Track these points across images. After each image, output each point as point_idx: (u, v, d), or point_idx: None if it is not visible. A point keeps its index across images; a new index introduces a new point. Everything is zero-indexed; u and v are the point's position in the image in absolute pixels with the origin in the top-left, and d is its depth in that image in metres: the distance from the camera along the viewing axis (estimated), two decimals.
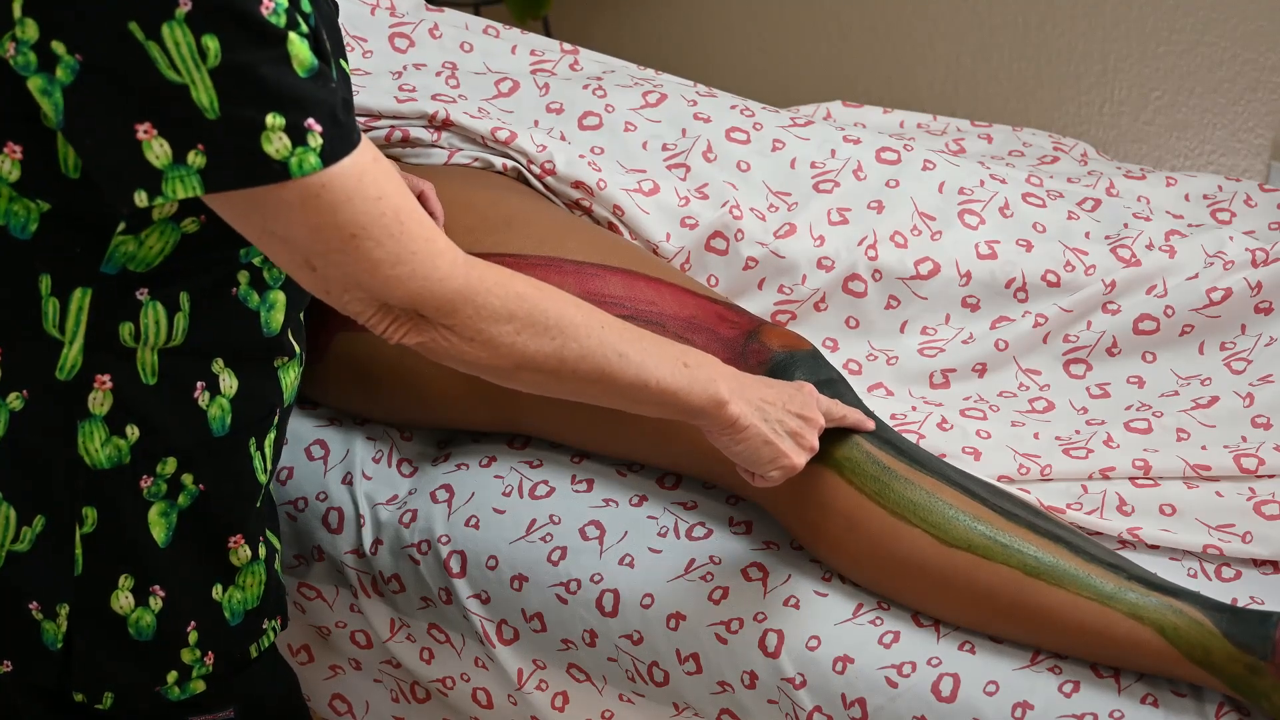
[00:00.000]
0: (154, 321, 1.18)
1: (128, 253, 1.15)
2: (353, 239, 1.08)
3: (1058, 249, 1.76)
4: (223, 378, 1.24)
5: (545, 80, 1.86)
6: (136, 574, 1.24)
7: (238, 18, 1.01)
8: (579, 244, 1.57)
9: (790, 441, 1.32)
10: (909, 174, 1.80)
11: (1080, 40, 2.88)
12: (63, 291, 1.16)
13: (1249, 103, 2.80)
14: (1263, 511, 1.52)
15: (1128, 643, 1.35)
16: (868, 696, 1.39)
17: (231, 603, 1.31)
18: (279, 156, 1.04)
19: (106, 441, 1.20)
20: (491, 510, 1.56)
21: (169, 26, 1.00)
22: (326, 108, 1.06)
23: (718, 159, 1.78)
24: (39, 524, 1.21)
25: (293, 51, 1.04)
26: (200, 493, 1.25)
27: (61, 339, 1.17)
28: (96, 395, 1.19)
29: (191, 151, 1.04)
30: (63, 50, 1.02)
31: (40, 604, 1.23)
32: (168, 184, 1.05)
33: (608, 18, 3.35)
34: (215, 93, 1.02)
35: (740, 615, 1.45)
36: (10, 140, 1.09)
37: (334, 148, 1.06)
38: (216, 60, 1.01)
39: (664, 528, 1.53)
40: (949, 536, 1.40)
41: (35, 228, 1.13)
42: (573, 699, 1.54)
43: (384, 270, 1.09)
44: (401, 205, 1.10)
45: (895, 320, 1.73)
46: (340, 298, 1.12)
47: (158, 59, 1.01)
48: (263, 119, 1.03)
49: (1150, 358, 1.72)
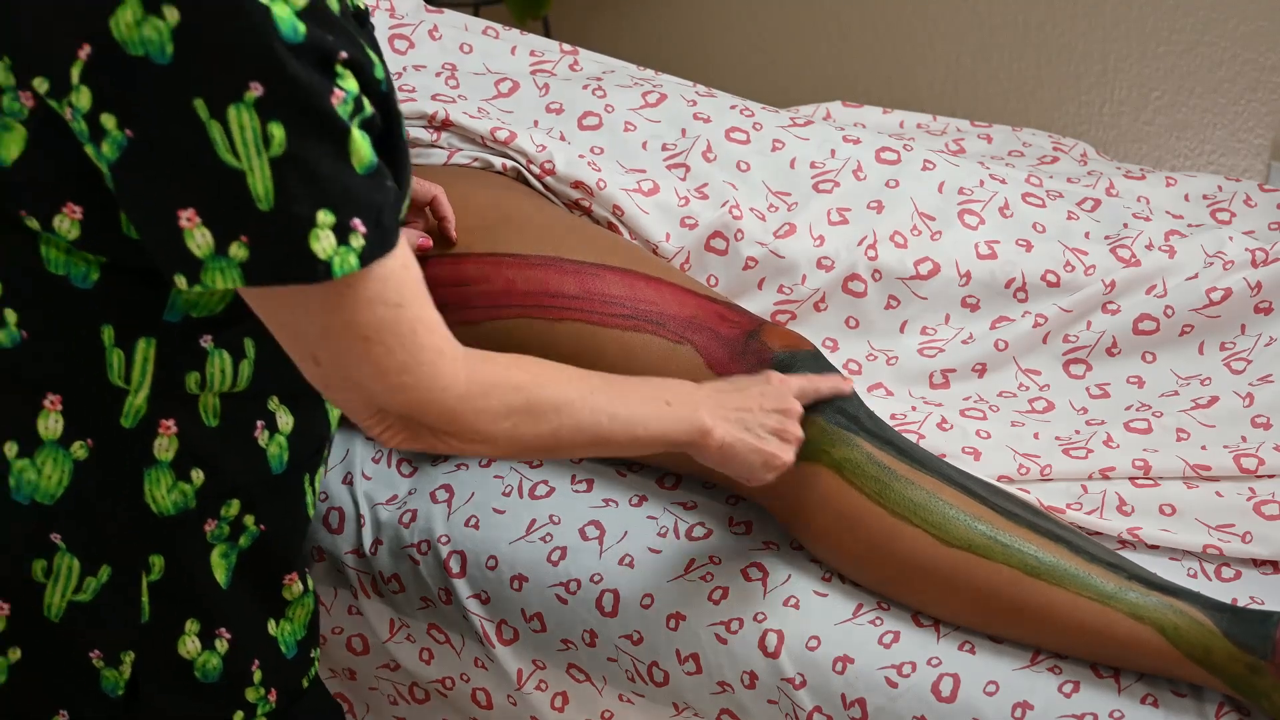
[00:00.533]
0: (219, 370, 1.16)
1: (190, 300, 1.13)
2: (365, 342, 1.06)
3: (1057, 249, 1.76)
4: (279, 415, 1.21)
5: (545, 80, 1.86)
6: (202, 617, 1.22)
7: (306, 108, 0.99)
8: (579, 244, 1.57)
9: (775, 441, 1.33)
10: (909, 174, 1.80)
11: (1080, 40, 2.88)
12: (126, 342, 1.12)
13: (1249, 103, 2.80)
14: (1263, 511, 1.52)
15: (1128, 642, 1.35)
16: (868, 696, 1.39)
17: (285, 635, 1.29)
18: (324, 255, 1.01)
19: (173, 487, 1.17)
20: (491, 510, 1.56)
21: (236, 109, 0.97)
22: (374, 210, 1.03)
23: (717, 159, 1.77)
24: (104, 574, 1.18)
25: (353, 148, 1.01)
26: (260, 533, 1.23)
27: (126, 388, 1.14)
28: (162, 441, 1.16)
29: (235, 243, 1.01)
30: (112, 125, 0.99)
31: (103, 652, 1.21)
32: (207, 274, 1.02)
33: (608, 18, 3.35)
34: (272, 183, 0.99)
35: (740, 615, 1.45)
36: (70, 200, 1.07)
37: (373, 250, 1.03)
38: (280, 149, 0.98)
39: (664, 528, 1.53)
40: (949, 536, 1.40)
41: (96, 277, 1.11)
42: (572, 699, 1.54)
43: (390, 377, 1.07)
44: (419, 315, 1.08)
45: (895, 320, 1.73)
46: (337, 395, 1.10)
47: (218, 141, 0.98)
48: (314, 215, 1.00)
49: (1150, 358, 1.72)
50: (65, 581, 1.19)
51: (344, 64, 1.01)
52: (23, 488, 1.16)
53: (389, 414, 1.11)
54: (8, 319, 1.13)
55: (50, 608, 1.19)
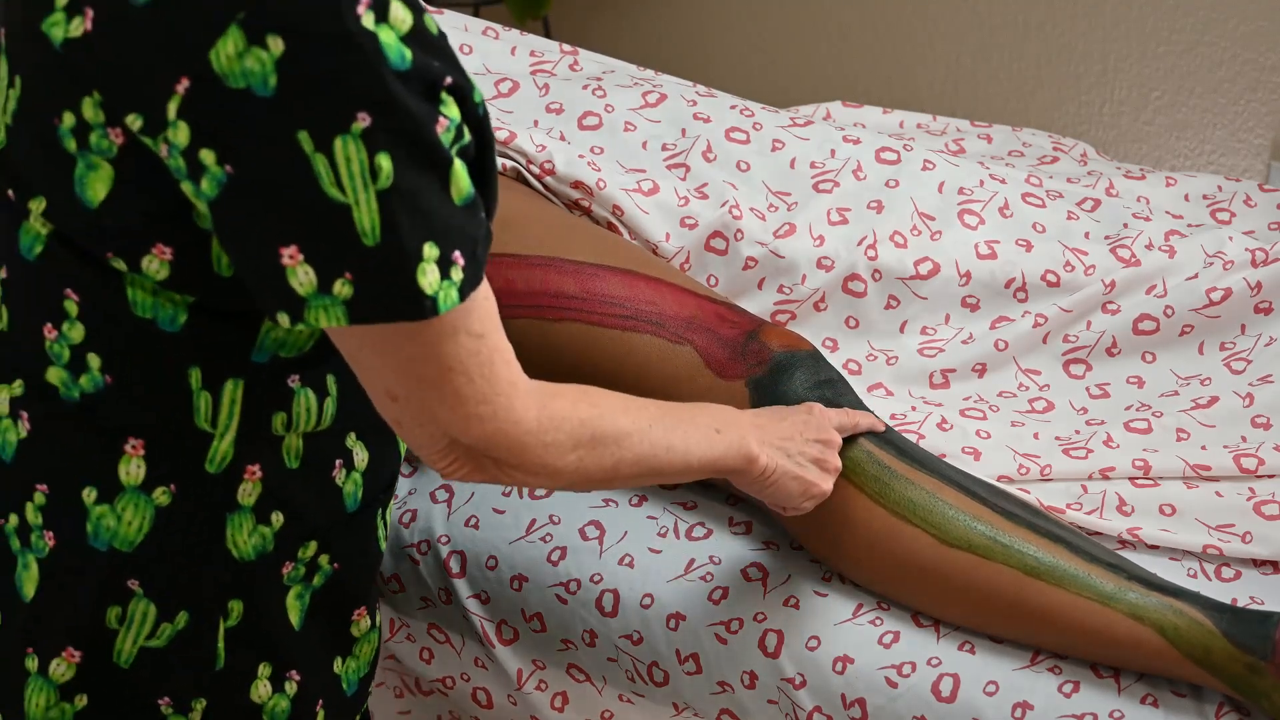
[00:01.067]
0: (305, 410, 1.13)
1: (278, 339, 1.10)
2: (448, 373, 1.03)
3: (1057, 249, 1.76)
4: (356, 452, 1.19)
5: (545, 81, 1.86)
6: (274, 661, 1.20)
7: (415, 139, 0.96)
8: (579, 244, 1.57)
9: (815, 470, 1.33)
10: (909, 174, 1.80)
11: (1080, 40, 2.88)
12: (213, 384, 1.09)
13: (1249, 103, 2.80)
14: (1263, 511, 1.52)
15: (1128, 643, 1.35)
16: (868, 696, 1.39)
17: (349, 673, 1.27)
18: (430, 291, 0.98)
19: (253, 531, 1.15)
20: (491, 510, 1.56)
21: (342, 140, 0.94)
22: (470, 241, 1.01)
23: (717, 159, 1.77)
24: (181, 620, 1.16)
25: (454, 179, 0.99)
26: (334, 571, 1.21)
27: (212, 432, 1.11)
28: (246, 486, 1.13)
29: (339, 280, 0.97)
30: (211, 160, 0.96)
31: (172, 700, 1.18)
32: (310, 312, 0.99)
33: (608, 18, 3.35)
34: (379, 217, 0.95)
35: (740, 615, 1.45)
36: (160, 241, 1.03)
37: (470, 284, 1.01)
38: (388, 182, 0.95)
39: (664, 528, 1.53)
40: (949, 536, 1.40)
41: (184, 319, 1.07)
42: (572, 699, 1.54)
43: (468, 408, 1.05)
44: (498, 345, 1.06)
45: (895, 320, 1.73)
46: (411, 430, 1.07)
47: (322, 174, 0.94)
48: (421, 249, 0.97)
49: (1150, 358, 1.72)
50: (139, 628, 1.16)
51: (448, 90, 0.98)
52: (101, 534, 1.13)
53: (458, 447, 1.09)
54: (90, 364, 1.09)
55: (120, 654, 1.16)
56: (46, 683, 1.18)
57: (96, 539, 1.13)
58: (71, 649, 1.16)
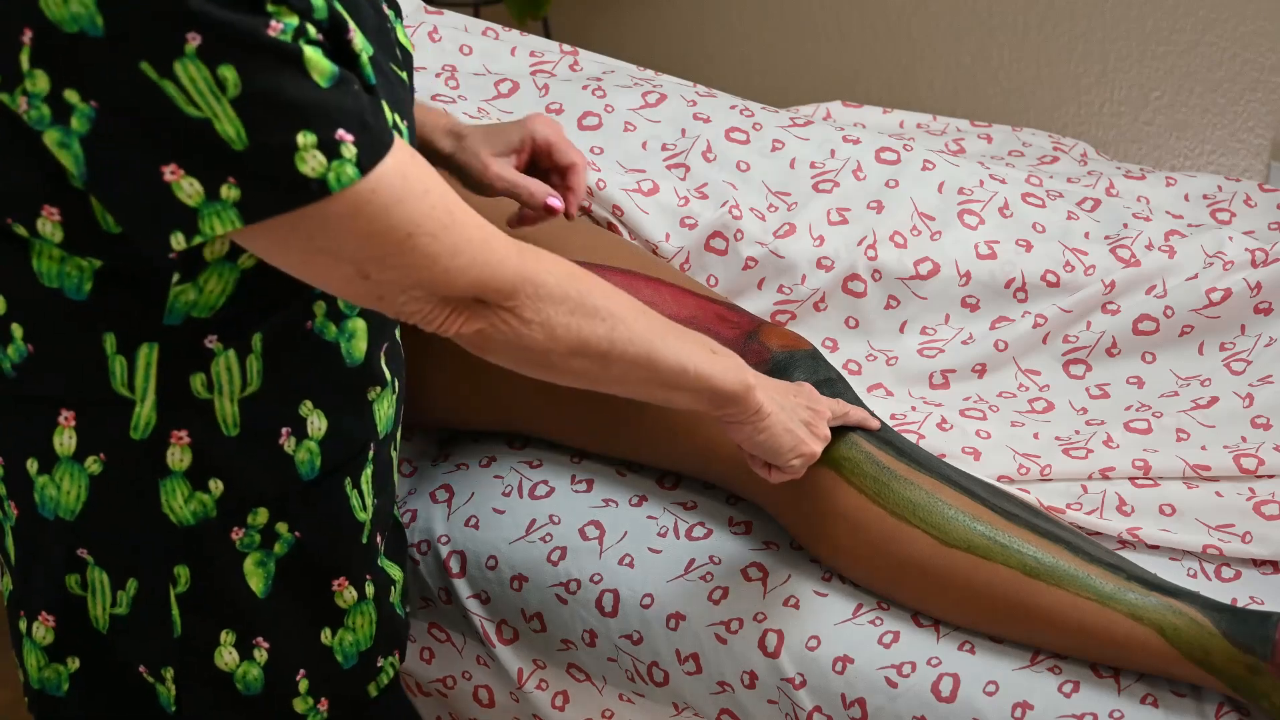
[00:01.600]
0: (225, 369, 1.14)
1: (189, 301, 1.11)
2: (409, 238, 1.05)
3: (1057, 249, 1.76)
4: (311, 420, 1.19)
5: (545, 81, 1.86)
6: (237, 628, 1.21)
7: (249, 44, 0.98)
8: (579, 244, 1.57)
9: (805, 430, 1.33)
10: (909, 174, 1.80)
11: (1080, 40, 2.88)
12: (128, 349, 1.11)
13: (1249, 103, 2.80)
14: (1262, 511, 1.52)
15: (1127, 643, 1.35)
16: (868, 696, 1.39)
17: (344, 645, 1.27)
18: (315, 174, 1.00)
19: (190, 498, 1.16)
20: (491, 510, 1.56)
21: (181, 64, 0.96)
22: (354, 115, 1.02)
23: (717, 159, 1.78)
24: (132, 587, 1.18)
25: (310, 64, 1.00)
26: (296, 539, 1.22)
27: (133, 397, 1.13)
28: (174, 451, 1.15)
29: (224, 185, 1.00)
30: (76, 98, 0.98)
31: (147, 668, 1.20)
32: (204, 221, 1.01)
33: (608, 18, 3.35)
34: (240, 123, 0.98)
35: (740, 615, 1.45)
36: (46, 203, 1.06)
37: (369, 154, 1.02)
38: (236, 90, 0.97)
39: (664, 528, 1.53)
40: (949, 537, 1.40)
41: (90, 287, 1.09)
42: (573, 698, 1.54)
43: (443, 262, 1.06)
44: (448, 195, 1.07)
45: (895, 320, 1.73)
46: (395, 300, 1.08)
47: (175, 96, 0.97)
48: (294, 139, 0.99)
49: (1150, 358, 1.72)
50: (102, 595, 1.18)
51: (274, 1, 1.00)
52: (46, 504, 1.16)
53: (450, 301, 1.10)
54: (14, 333, 1.12)
55: (97, 620, 1.19)
56: (33, 645, 1.22)
57: (44, 508, 1.16)
58: (45, 613, 1.20)
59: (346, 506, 1.25)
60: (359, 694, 1.30)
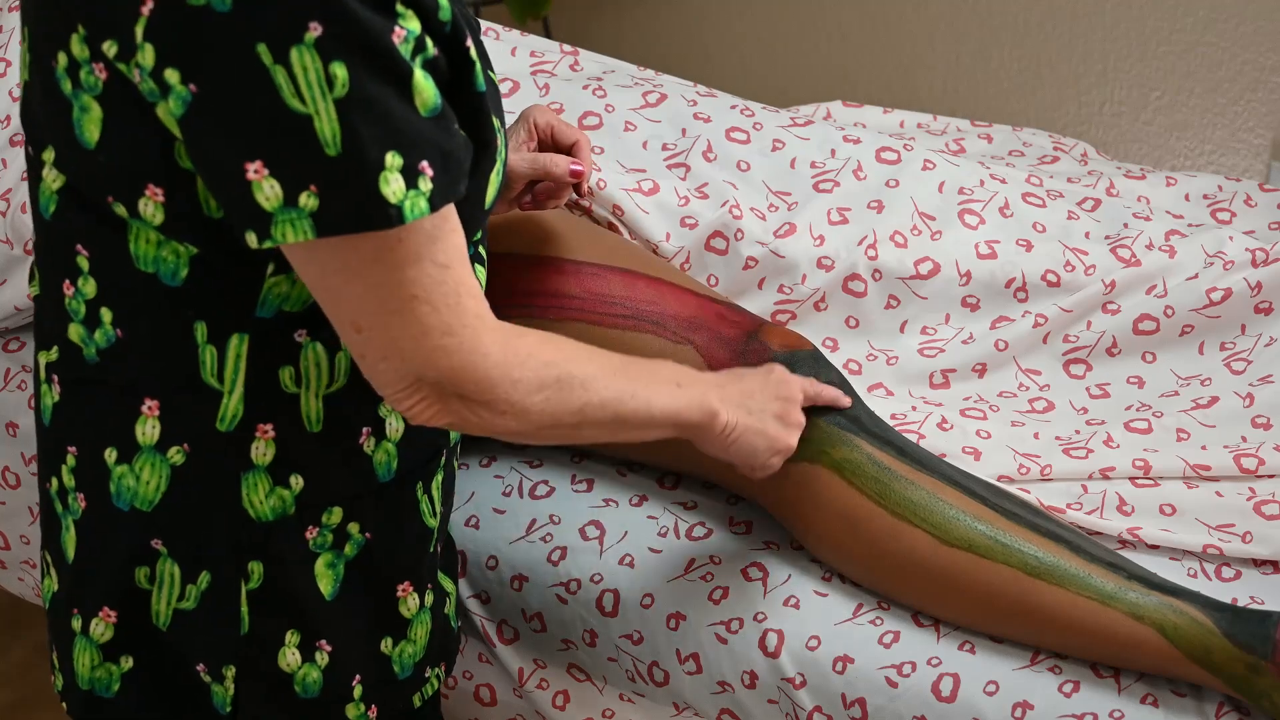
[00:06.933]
0: (314, 364, 1.13)
1: (282, 293, 1.10)
2: (412, 300, 1.03)
3: (1058, 249, 1.76)
4: (390, 421, 1.19)
5: (545, 81, 1.86)
6: (303, 629, 1.20)
7: (368, 46, 0.96)
8: (579, 244, 1.57)
9: (777, 424, 1.32)
10: (909, 174, 1.80)
11: (1080, 40, 2.88)
12: (219, 339, 1.10)
13: (1249, 103, 2.80)
14: (1263, 511, 1.52)
15: (1128, 642, 1.36)
16: (868, 696, 1.39)
17: (403, 657, 1.27)
18: (394, 199, 0.98)
19: (270, 493, 1.15)
20: (491, 510, 1.56)
21: (298, 50, 0.94)
22: (441, 153, 1.01)
23: (718, 159, 1.78)
24: (204, 581, 1.17)
25: (417, 89, 0.99)
26: (367, 541, 1.21)
27: (221, 389, 1.12)
28: (259, 445, 1.14)
29: (304, 193, 0.98)
30: (176, 80, 0.97)
31: (207, 666, 1.19)
32: (277, 228, 0.99)
33: (608, 18, 3.35)
34: (339, 125, 0.96)
35: (740, 615, 1.45)
36: (150, 182, 1.04)
37: (442, 195, 1.01)
38: (344, 90, 0.96)
39: (664, 528, 1.53)
40: (950, 536, 1.40)
41: (185, 273, 1.08)
42: (573, 698, 1.54)
43: (433, 338, 1.05)
44: (464, 279, 1.05)
45: (895, 320, 1.73)
46: (375, 365, 1.07)
47: (283, 86, 0.95)
48: (383, 158, 0.98)
49: (1150, 358, 1.72)
50: (169, 589, 1.17)
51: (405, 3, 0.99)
52: (123, 494, 1.15)
53: (424, 384, 1.07)
54: (104, 318, 1.11)
55: (158, 616, 1.18)
56: (89, 643, 1.20)
57: (119, 499, 1.15)
58: (108, 609, 1.18)
59: (417, 512, 1.25)
60: (406, 704, 1.30)
